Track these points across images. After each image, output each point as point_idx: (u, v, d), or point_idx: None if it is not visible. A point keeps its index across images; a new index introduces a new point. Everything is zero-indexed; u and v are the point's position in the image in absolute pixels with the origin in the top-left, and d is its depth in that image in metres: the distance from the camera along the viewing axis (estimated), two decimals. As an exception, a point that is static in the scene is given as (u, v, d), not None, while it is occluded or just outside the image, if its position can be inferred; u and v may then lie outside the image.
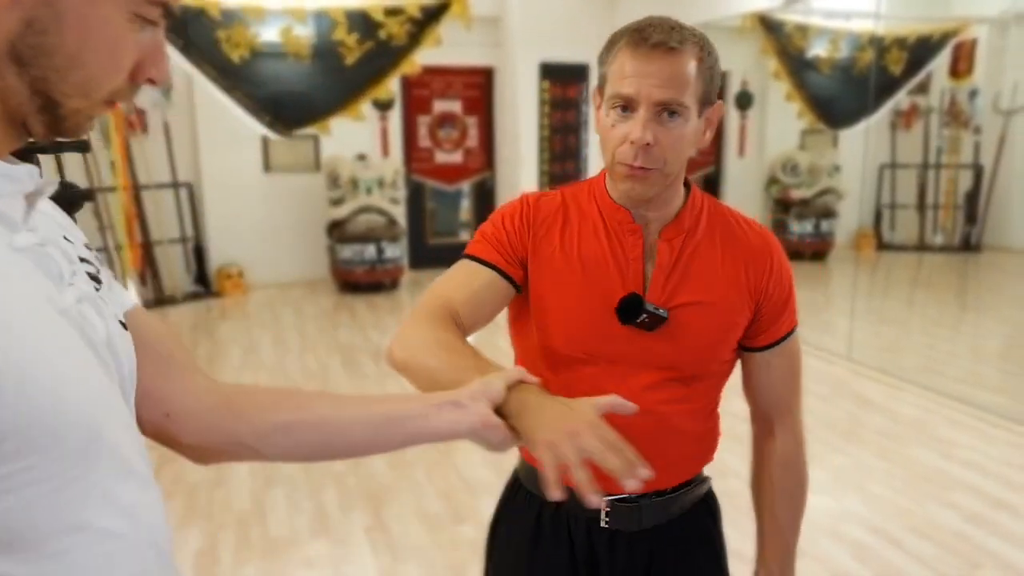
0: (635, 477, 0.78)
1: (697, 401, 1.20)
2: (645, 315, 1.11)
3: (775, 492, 1.31)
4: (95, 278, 0.69)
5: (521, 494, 1.29)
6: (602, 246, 1.16)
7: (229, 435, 0.83)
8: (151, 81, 0.65)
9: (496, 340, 1.26)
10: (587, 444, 0.78)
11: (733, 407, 1.30)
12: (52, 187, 0.65)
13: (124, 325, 0.72)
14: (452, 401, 0.84)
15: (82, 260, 0.69)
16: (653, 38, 1.03)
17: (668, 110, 1.05)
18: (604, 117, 1.10)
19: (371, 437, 0.85)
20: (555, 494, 0.77)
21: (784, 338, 1.22)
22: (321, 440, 0.85)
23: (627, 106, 1.06)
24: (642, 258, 1.15)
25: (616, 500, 1.19)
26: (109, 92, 0.63)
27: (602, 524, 1.21)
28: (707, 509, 1.31)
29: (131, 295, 0.82)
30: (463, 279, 1.15)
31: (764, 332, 1.21)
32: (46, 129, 0.62)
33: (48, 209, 0.71)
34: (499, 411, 0.85)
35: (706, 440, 1.26)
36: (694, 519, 1.28)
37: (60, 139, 0.64)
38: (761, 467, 1.31)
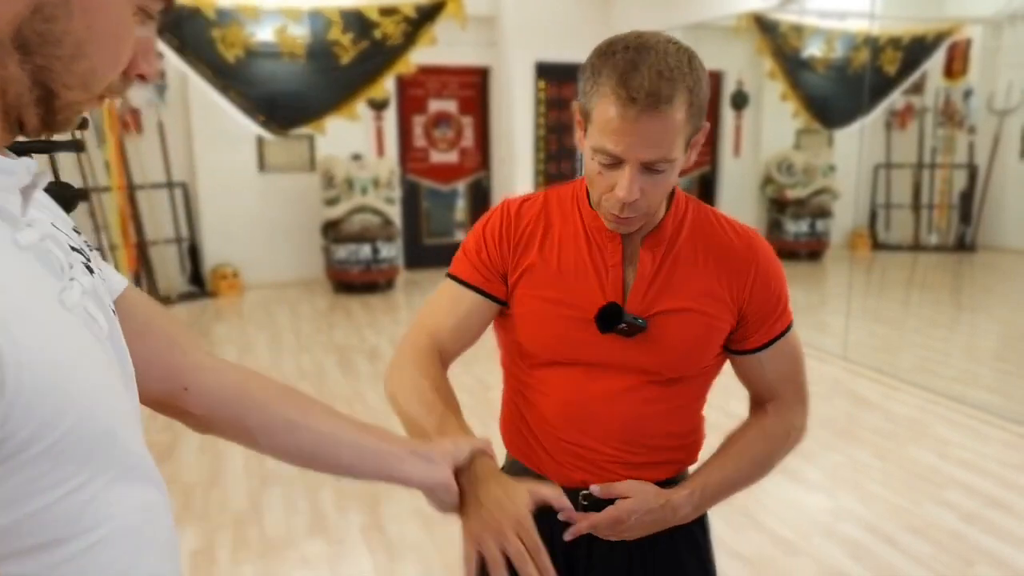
0: None
1: (676, 401, 1.19)
2: (624, 324, 1.11)
3: (742, 447, 1.21)
4: (88, 267, 0.68)
5: None
6: (582, 253, 1.16)
7: (238, 417, 0.87)
8: (141, 77, 0.64)
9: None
10: (510, 547, 0.86)
11: (733, 408, 1.29)
12: (45, 179, 0.63)
13: (114, 311, 0.71)
14: (426, 454, 0.92)
15: (74, 249, 0.68)
16: (642, 96, 0.96)
17: (655, 167, 1.02)
18: (589, 159, 1.07)
19: (354, 463, 0.91)
20: None
21: (775, 340, 1.19)
22: (313, 450, 0.90)
23: (612, 163, 1.03)
24: (621, 265, 1.14)
25: (593, 496, 1.17)
26: (105, 86, 0.62)
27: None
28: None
29: (119, 275, 0.82)
30: (449, 305, 1.20)
31: (752, 336, 1.18)
32: (40, 123, 0.61)
33: (40, 199, 0.70)
34: (456, 475, 0.94)
35: (687, 442, 1.23)
36: (680, 525, 1.23)
37: (48, 134, 0.63)
38: (741, 429, 1.24)
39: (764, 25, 7.08)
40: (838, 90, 7.51)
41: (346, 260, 6.79)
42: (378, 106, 7.24)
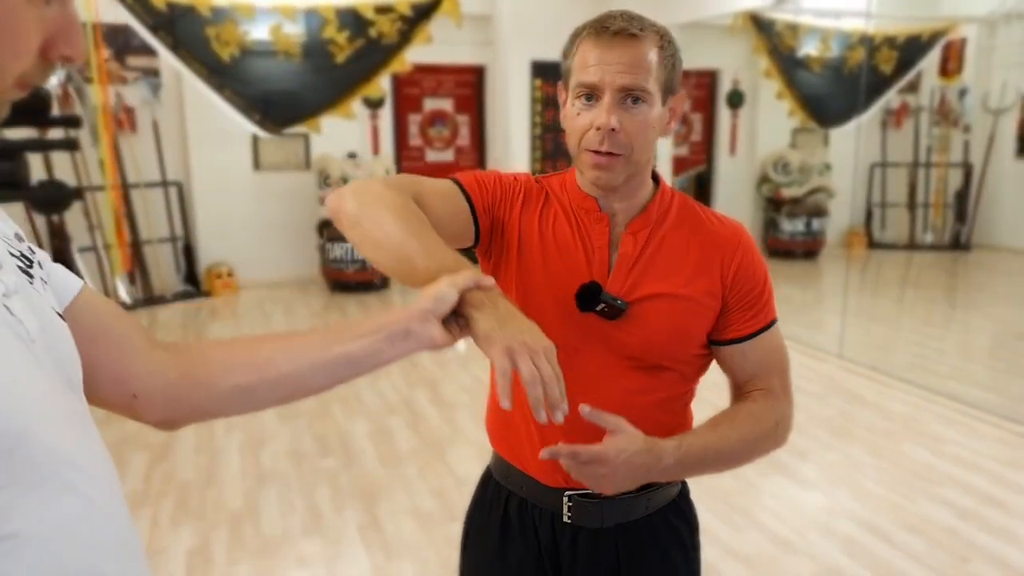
0: (555, 411, 0.84)
1: (663, 392, 1.17)
2: (603, 304, 1.11)
3: (729, 420, 1.16)
4: (26, 271, 0.66)
5: (491, 486, 1.30)
6: (572, 233, 1.17)
7: (192, 405, 0.86)
8: (66, 59, 0.60)
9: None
10: (541, 367, 0.84)
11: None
12: None
13: (61, 316, 0.69)
14: (403, 331, 0.87)
15: (11, 255, 0.66)
16: (614, 26, 1.06)
17: (632, 96, 1.07)
18: (570, 108, 1.12)
19: (332, 381, 0.89)
20: (506, 403, 0.83)
21: (758, 332, 1.17)
22: (283, 395, 0.89)
23: (591, 94, 1.08)
24: (607, 247, 1.15)
25: (578, 495, 1.18)
26: (18, 75, 0.58)
27: (564, 519, 1.20)
28: (679, 512, 1.26)
29: (74, 278, 0.79)
30: (441, 190, 1.14)
31: (733, 325, 1.17)
32: None
33: None
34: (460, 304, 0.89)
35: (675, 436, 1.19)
36: (664, 521, 1.23)
37: None
38: (728, 409, 1.20)
39: (760, 24, 7.10)
40: (834, 89, 7.53)
41: (341, 259, 6.78)
42: (373, 105, 7.23)
